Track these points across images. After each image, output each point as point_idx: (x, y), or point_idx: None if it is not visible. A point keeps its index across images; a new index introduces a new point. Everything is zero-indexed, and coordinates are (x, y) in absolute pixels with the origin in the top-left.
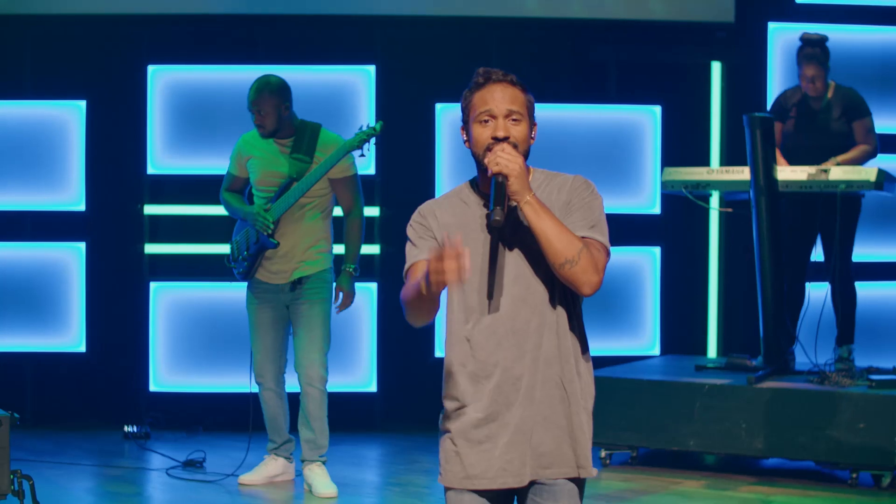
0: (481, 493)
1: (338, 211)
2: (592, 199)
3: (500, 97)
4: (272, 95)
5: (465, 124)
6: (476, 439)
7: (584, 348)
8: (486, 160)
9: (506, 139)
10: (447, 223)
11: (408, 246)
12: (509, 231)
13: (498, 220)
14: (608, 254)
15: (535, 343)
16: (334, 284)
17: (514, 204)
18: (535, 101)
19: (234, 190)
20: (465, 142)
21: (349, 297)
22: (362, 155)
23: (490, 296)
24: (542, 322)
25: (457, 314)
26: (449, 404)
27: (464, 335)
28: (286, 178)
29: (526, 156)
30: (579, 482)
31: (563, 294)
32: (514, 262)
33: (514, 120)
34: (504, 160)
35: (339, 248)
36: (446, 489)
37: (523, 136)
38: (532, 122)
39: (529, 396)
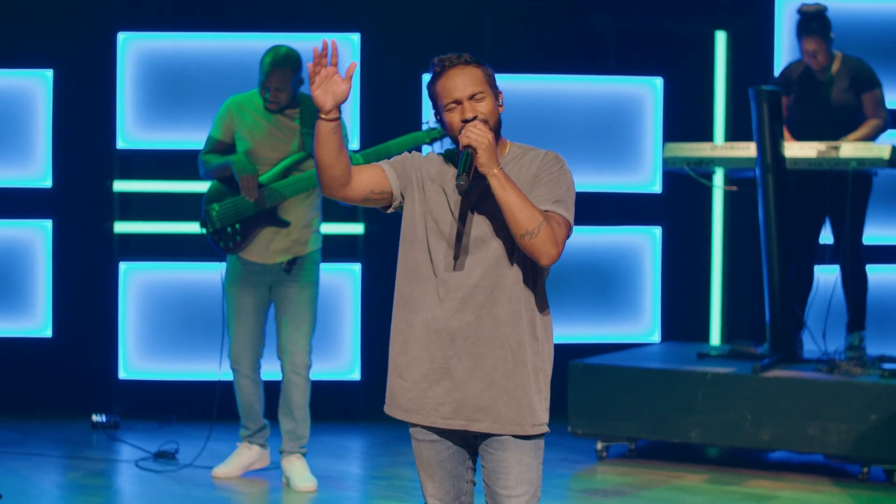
0: (431, 430)
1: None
2: (561, 175)
3: (460, 82)
4: (288, 69)
5: (438, 113)
6: (412, 378)
7: (544, 312)
8: (459, 137)
9: (475, 118)
10: (429, 172)
11: (392, 160)
12: (476, 197)
13: (462, 184)
14: (570, 228)
15: (482, 302)
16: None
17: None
18: (494, 72)
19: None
20: (441, 128)
21: None
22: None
23: (456, 255)
24: (494, 284)
25: (403, 274)
26: (393, 349)
27: (408, 292)
28: (292, 153)
29: (498, 125)
30: (528, 438)
31: (523, 264)
32: (477, 225)
33: (477, 100)
34: (474, 134)
35: (331, 228)
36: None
37: (490, 110)
38: (496, 93)
39: (469, 352)
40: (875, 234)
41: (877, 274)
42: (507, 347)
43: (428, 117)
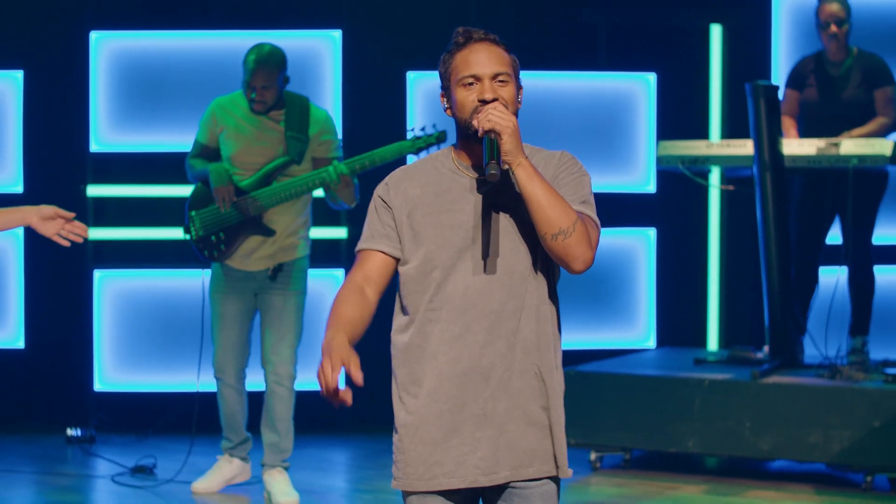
0: (446, 494)
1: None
2: (581, 176)
3: (484, 58)
4: (273, 66)
5: (446, 90)
6: (439, 435)
7: (559, 337)
8: (474, 120)
9: (494, 101)
10: (413, 196)
11: (367, 217)
12: (484, 208)
13: (494, 173)
14: (599, 232)
15: (512, 328)
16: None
17: (506, 167)
18: (519, 65)
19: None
20: (445, 109)
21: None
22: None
23: (457, 273)
24: (519, 305)
25: (415, 291)
26: (406, 396)
27: (425, 316)
28: (276, 157)
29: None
30: (557, 483)
31: (545, 278)
32: (490, 240)
33: (500, 82)
34: (497, 116)
35: (315, 232)
36: (405, 494)
37: (511, 97)
38: (518, 85)
39: (504, 387)
40: (882, 233)
41: (882, 275)
42: (539, 377)
43: (413, 124)
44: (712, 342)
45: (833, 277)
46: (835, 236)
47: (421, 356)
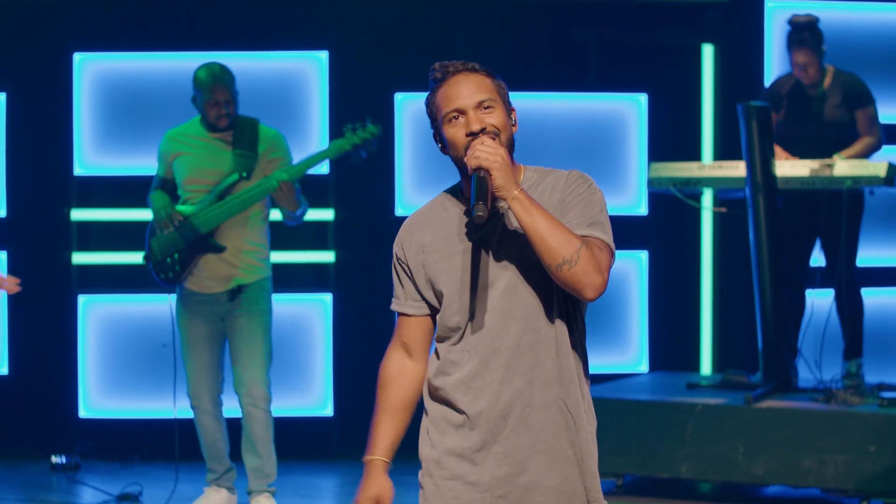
0: None
1: (276, 214)
2: (590, 195)
3: (464, 89)
4: (229, 80)
5: (436, 131)
6: (460, 473)
7: (587, 367)
8: (465, 159)
9: (482, 131)
10: (425, 243)
11: (393, 279)
12: (495, 239)
13: (481, 215)
14: (612, 253)
15: (530, 363)
16: (273, 295)
17: (502, 204)
18: (507, 87)
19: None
20: (441, 150)
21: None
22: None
23: (472, 314)
24: (536, 339)
25: (439, 337)
26: (434, 430)
27: (446, 358)
28: (227, 175)
29: (511, 146)
30: None
31: (564, 306)
32: (501, 274)
33: (486, 108)
34: (483, 152)
35: (275, 256)
36: None
37: (502, 122)
38: (509, 108)
39: (524, 423)
40: (872, 255)
41: (874, 297)
42: (565, 410)
43: (402, 146)
44: (705, 366)
45: (826, 301)
46: (815, 259)
47: (440, 394)
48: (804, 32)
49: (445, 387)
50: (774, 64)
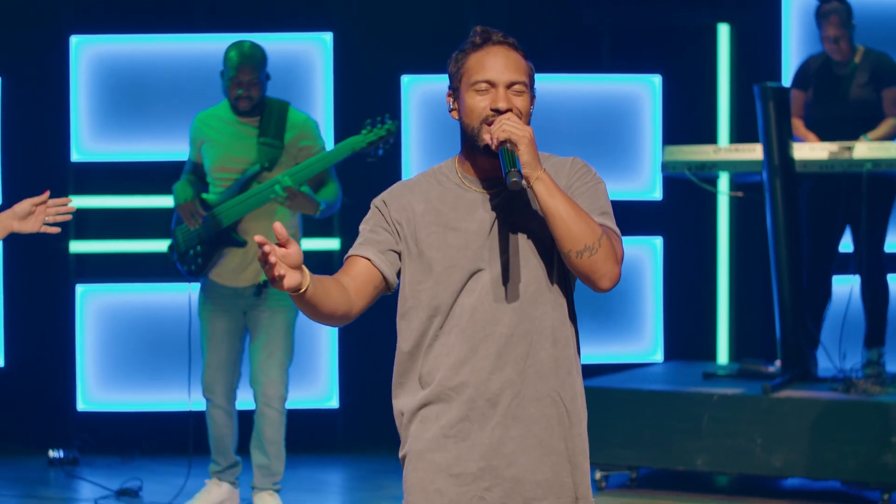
0: None
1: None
2: (596, 184)
3: (502, 63)
4: (257, 62)
5: (455, 91)
6: (444, 465)
7: (579, 359)
8: (483, 132)
9: (507, 111)
10: (418, 213)
11: (361, 226)
12: (494, 223)
13: (516, 181)
14: (623, 244)
15: (523, 353)
16: None
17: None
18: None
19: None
20: (451, 110)
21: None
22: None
23: (459, 294)
24: (531, 328)
25: (422, 316)
26: (414, 421)
27: (432, 340)
28: (251, 165)
29: None
30: None
31: (561, 297)
32: (497, 259)
33: (516, 91)
34: (511, 127)
35: (307, 244)
36: None
37: (526, 109)
38: (532, 95)
39: (513, 415)
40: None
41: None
42: (560, 403)
43: (408, 130)
44: (722, 355)
45: (846, 287)
46: (845, 244)
47: (428, 381)
48: (834, 2)
49: (432, 371)
50: (792, 43)
